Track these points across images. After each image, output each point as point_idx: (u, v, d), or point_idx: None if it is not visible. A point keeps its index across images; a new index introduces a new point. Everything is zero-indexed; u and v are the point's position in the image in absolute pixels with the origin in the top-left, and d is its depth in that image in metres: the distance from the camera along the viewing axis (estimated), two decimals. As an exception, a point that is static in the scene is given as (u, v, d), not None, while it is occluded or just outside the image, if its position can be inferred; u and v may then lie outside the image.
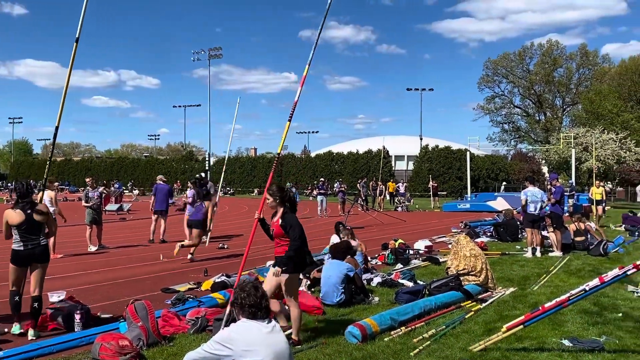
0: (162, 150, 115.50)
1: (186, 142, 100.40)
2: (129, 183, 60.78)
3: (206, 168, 58.05)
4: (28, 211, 6.27)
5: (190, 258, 11.79)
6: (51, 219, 6.66)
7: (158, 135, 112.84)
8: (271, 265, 6.29)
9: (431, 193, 35.54)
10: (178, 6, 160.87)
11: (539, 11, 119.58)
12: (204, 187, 14.53)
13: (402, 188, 33.53)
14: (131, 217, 24.80)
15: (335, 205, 28.74)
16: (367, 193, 30.66)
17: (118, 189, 33.35)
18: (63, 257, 12.24)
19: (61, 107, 6.76)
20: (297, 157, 62.45)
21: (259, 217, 6.13)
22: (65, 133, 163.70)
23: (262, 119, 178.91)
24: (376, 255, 12.04)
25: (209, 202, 12.69)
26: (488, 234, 16.41)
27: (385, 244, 12.87)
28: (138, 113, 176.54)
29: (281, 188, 6.02)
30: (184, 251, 11.79)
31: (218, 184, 19.76)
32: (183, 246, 11.71)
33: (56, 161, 75.42)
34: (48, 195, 12.07)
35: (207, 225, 12.79)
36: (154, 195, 15.25)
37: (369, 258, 11.08)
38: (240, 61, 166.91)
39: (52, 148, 7.45)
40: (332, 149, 62.26)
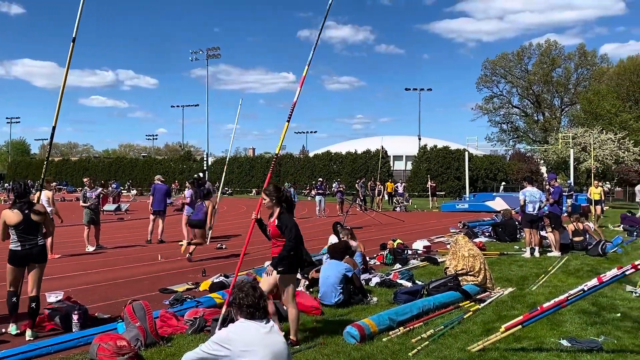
0: (160, 150, 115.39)
1: (184, 142, 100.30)
2: (127, 183, 60.75)
3: (204, 168, 58.01)
4: (25, 211, 6.26)
5: (188, 257, 11.78)
6: (48, 219, 6.64)
7: (156, 135, 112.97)
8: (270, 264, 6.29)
9: (429, 193, 35.55)
10: (176, 6, 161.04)
11: (537, 11, 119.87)
12: (202, 187, 14.55)
13: (401, 188, 33.53)
14: (129, 217, 24.77)
15: (333, 205, 28.74)
16: (366, 193, 30.66)
17: (116, 189, 33.28)
18: (61, 258, 12.23)
19: (58, 107, 6.74)
20: (296, 157, 62.46)
21: (256, 218, 6.13)
22: (62, 133, 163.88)
23: (260, 119, 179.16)
24: (374, 255, 12.05)
25: (210, 202, 12.72)
26: (486, 234, 16.41)
27: (383, 244, 12.86)
28: (136, 113, 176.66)
29: (278, 188, 6.01)
30: (204, 247, 12.10)
31: (219, 184, 19.77)
32: (190, 243, 12.02)
33: (54, 161, 75.32)
34: (45, 195, 12.06)
35: (209, 224, 12.82)
36: (152, 195, 15.25)
37: (367, 258, 11.08)
38: (238, 61, 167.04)
39: (50, 148, 7.44)
40: (331, 149, 62.28)
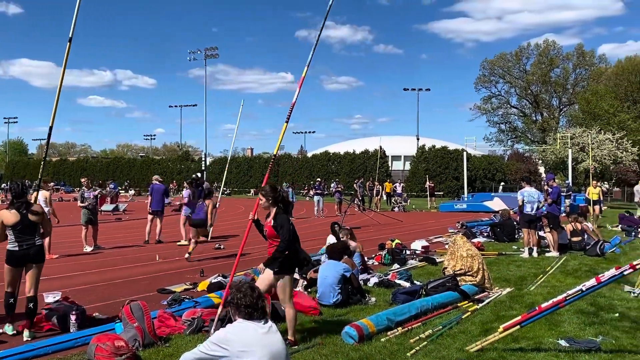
0: (158, 150, 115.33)
1: (182, 142, 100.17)
2: (125, 183, 60.68)
3: (202, 168, 57.96)
4: (23, 211, 6.24)
5: (187, 258, 11.78)
6: (46, 220, 6.63)
7: (154, 135, 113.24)
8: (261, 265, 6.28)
9: (428, 193, 35.55)
10: (174, 6, 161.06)
11: (536, 11, 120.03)
12: (200, 187, 14.56)
13: (400, 188, 33.53)
14: (127, 218, 24.75)
15: (332, 205, 28.73)
16: (364, 193, 30.67)
17: (113, 189, 33.23)
18: (59, 258, 12.21)
19: (55, 107, 6.73)
20: (294, 157, 62.48)
21: (253, 219, 6.12)
22: (60, 133, 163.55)
23: (258, 119, 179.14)
24: (373, 255, 12.04)
25: (210, 201, 12.88)
26: (485, 234, 16.41)
27: (382, 244, 12.86)
28: (134, 113, 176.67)
29: (274, 188, 6.00)
30: (202, 248, 12.34)
31: (217, 184, 19.77)
32: (198, 242, 12.62)
33: (52, 161, 75.29)
34: (43, 195, 12.03)
35: (209, 221, 13.04)
36: (150, 195, 15.23)
37: (366, 258, 11.08)
38: (236, 61, 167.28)
39: (47, 148, 7.43)
40: (329, 149, 62.31)
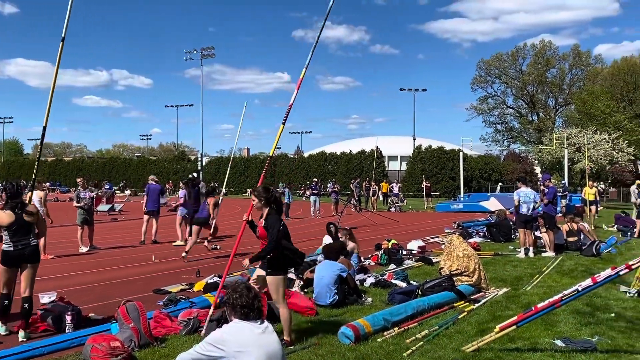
0: (154, 150, 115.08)
1: (178, 142, 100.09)
2: (121, 183, 60.51)
3: (198, 168, 57.88)
4: (18, 212, 6.22)
5: (183, 256, 11.79)
6: (41, 220, 6.61)
7: (150, 135, 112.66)
8: (258, 267, 6.28)
9: (424, 193, 35.57)
10: (171, 6, 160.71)
11: (532, 12, 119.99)
12: (196, 188, 14.58)
13: (396, 188, 33.55)
14: (123, 218, 24.69)
15: (328, 205, 28.72)
16: (360, 193, 30.66)
17: (109, 190, 33.13)
18: (54, 258, 12.17)
19: (48, 107, 6.68)
20: (290, 158, 62.37)
21: (247, 220, 6.12)
22: (56, 133, 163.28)
23: (255, 119, 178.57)
24: (369, 255, 12.03)
25: (212, 199, 13.07)
26: (481, 235, 16.44)
27: (378, 245, 12.87)
28: (130, 113, 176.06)
29: (267, 189, 5.99)
30: (199, 248, 12.54)
31: (213, 183, 19.77)
32: (210, 241, 13.51)
33: (47, 161, 75.00)
34: (37, 195, 12.00)
35: (212, 217, 13.24)
36: (147, 195, 15.19)
37: (362, 258, 11.08)
38: (232, 61, 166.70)
39: (40, 148, 7.40)
40: (325, 149, 62.20)
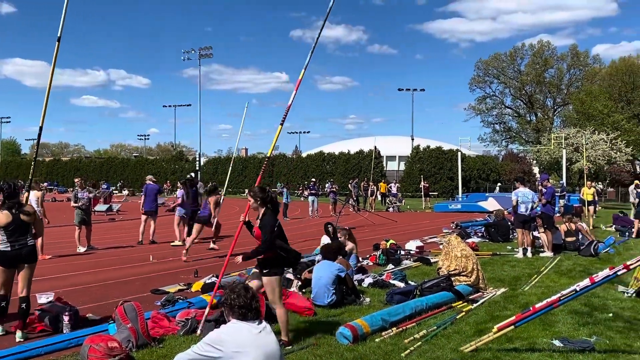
0: (152, 150, 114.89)
1: (176, 142, 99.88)
2: (119, 183, 60.46)
3: (196, 168, 57.81)
4: (15, 212, 6.20)
5: (184, 252, 11.90)
6: (38, 220, 6.58)
7: (148, 135, 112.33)
8: (254, 267, 6.26)
9: (422, 193, 35.59)
10: (169, 5, 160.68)
11: (530, 12, 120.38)
12: (194, 188, 14.57)
13: (394, 188, 33.56)
14: (120, 218, 24.67)
15: (326, 205, 28.72)
16: (359, 193, 30.66)
17: (106, 190, 33.10)
18: (52, 258, 12.14)
19: (44, 107, 6.66)
20: (288, 158, 62.36)
21: (244, 220, 6.11)
22: (54, 133, 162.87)
23: (253, 119, 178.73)
24: (367, 255, 12.03)
25: (213, 198, 13.17)
26: (479, 235, 16.44)
27: (376, 245, 12.87)
28: (128, 113, 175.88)
29: (263, 189, 5.97)
30: (196, 248, 12.55)
31: (211, 183, 19.77)
32: (215, 241, 13.59)
33: (45, 161, 74.89)
34: (35, 195, 11.97)
35: (214, 215, 13.37)
36: (145, 195, 15.15)
37: (360, 259, 11.07)
38: (230, 61, 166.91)
39: (37, 148, 7.38)
40: (324, 149, 62.23)
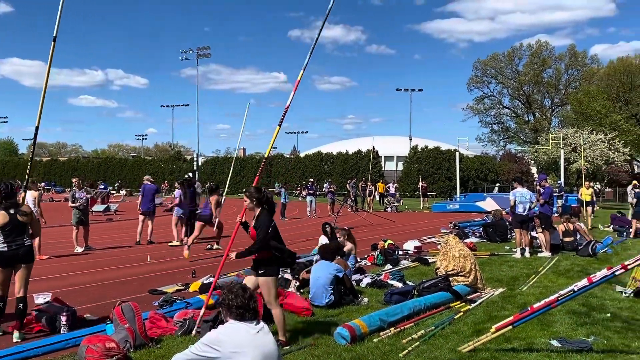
0: (150, 150, 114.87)
1: (174, 142, 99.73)
2: (116, 183, 60.37)
3: (194, 168, 57.73)
4: (12, 212, 6.18)
5: (187, 247, 11.99)
6: (35, 220, 6.56)
7: (146, 135, 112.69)
8: (250, 268, 6.25)
9: (420, 193, 35.60)
10: (166, 5, 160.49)
11: (528, 12, 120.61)
12: (192, 188, 14.56)
13: (393, 189, 33.55)
14: (118, 218, 24.63)
15: (324, 205, 28.72)
16: (357, 193, 30.66)
17: (104, 190, 33.04)
18: (49, 259, 12.12)
19: (40, 107, 6.63)
20: (286, 158, 62.35)
21: (241, 221, 6.10)
22: (51, 133, 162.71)
23: (251, 119, 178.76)
24: (365, 256, 12.02)
25: (214, 197, 13.39)
26: (477, 235, 16.44)
27: (374, 245, 12.86)
28: (125, 113, 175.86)
29: (258, 189, 5.97)
30: (194, 248, 12.41)
31: (209, 184, 19.79)
32: (218, 241, 13.63)
33: (42, 161, 74.71)
34: (31, 195, 11.94)
35: (215, 215, 13.50)
36: (142, 195, 15.12)
37: (358, 259, 11.06)
38: (229, 61, 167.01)
39: (33, 148, 7.36)
40: (322, 149, 62.25)
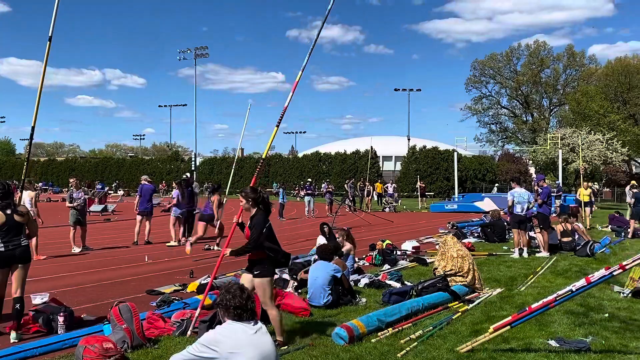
0: (148, 150, 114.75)
1: (172, 142, 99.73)
2: (114, 183, 60.28)
3: (192, 168, 57.67)
4: (8, 212, 6.16)
5: (190, 245, 12.06)
6: (31, 220, 6.54)
7: (143, 135, 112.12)
8: (246, 268, 6.23)
9: (419, 194, 35.61)
10: (164, 5, 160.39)
11: (526, 12, 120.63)
12: (189, 188, 14.55)
13: (391, 189, 33.56)
14: (116, 218, 24.58)
15: (322, 205, 28.71)
16: (355, 194, 30.66)
17: (101, 190, 32.99)
18: (46, 259, 12.08)
19: (36, 107, 6.62)
20: (285, 158, 62.31)
21: (237, 222, 6.09)
22: (49, 133, 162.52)
23: (250, 119, 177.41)
24: (364, 256, 12.01)
25: (216, 197, 13.60)
26: (475, 235, 16.45)
27: (372, 245, 12.85)
28: (123, 113, 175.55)
29: (254, 189, 5.96)
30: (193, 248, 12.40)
31: (207, 184, 19.80)
32: (219, 241, 13.51)
33: (39, 161, 74.51)
34: (28, 195, 11.90)
35: (216, 216, 13.75)
36: (140, 195, 15.09)
37: (356, 259, 11.05)
38: (226, 60, 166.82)
39: (29, 148, 7.36)
40: (320, 149, 62.23)
